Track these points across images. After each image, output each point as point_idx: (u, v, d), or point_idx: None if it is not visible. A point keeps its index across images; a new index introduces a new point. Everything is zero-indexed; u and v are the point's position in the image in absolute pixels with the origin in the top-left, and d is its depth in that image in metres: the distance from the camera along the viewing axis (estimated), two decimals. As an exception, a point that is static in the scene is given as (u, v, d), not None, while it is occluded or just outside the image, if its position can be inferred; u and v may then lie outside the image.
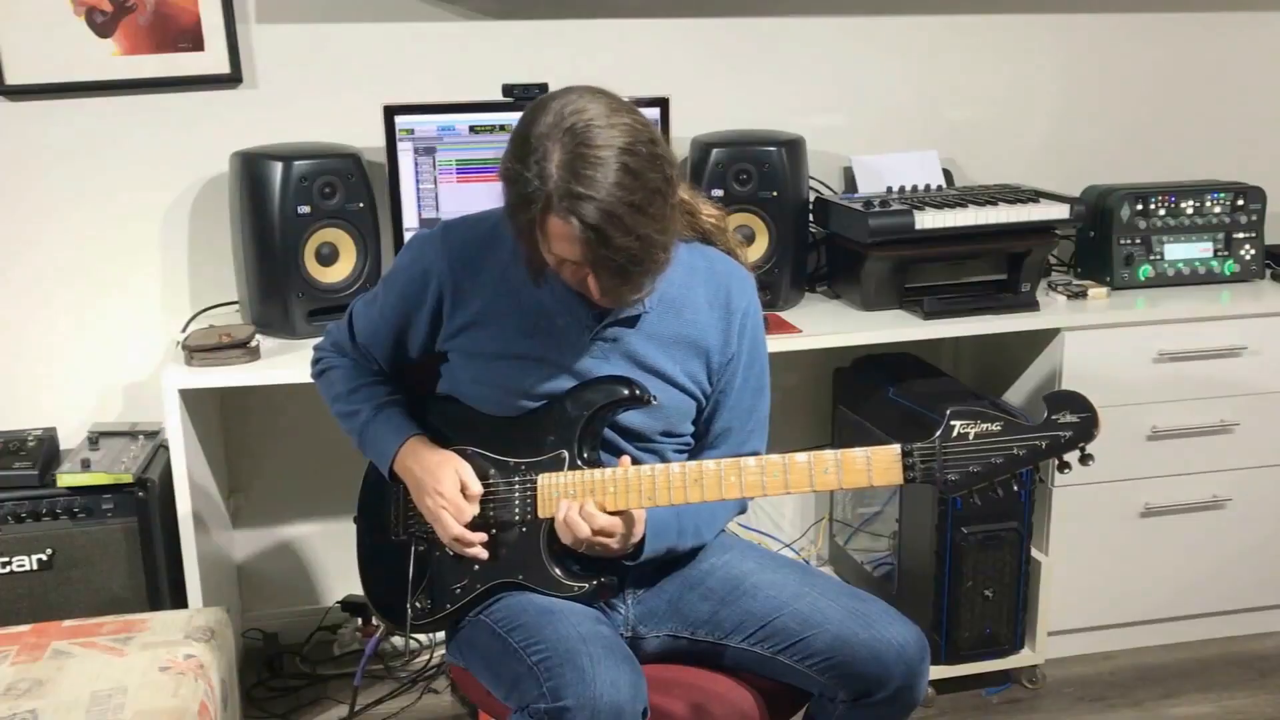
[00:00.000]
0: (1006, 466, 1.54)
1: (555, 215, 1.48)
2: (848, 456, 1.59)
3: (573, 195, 1.46)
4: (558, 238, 1.51)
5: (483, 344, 1.72)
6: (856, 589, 1.77)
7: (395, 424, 1.76)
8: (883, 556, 2.68)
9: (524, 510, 1.70)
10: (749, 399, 1.81)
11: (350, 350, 1.84)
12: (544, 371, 1.71)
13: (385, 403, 1.79)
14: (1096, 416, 1.54)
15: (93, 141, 2.53)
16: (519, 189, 1.51)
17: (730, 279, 1.78)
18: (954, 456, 1.55)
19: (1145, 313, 2.58)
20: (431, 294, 1.72)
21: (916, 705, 1.68)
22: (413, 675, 2.70)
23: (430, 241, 1.73)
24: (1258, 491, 2.70)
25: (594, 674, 1.49)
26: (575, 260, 1.53)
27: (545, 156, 1.48)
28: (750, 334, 1.79)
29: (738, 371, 1.79)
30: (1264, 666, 2.75)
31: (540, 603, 1.67)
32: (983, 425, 1.54)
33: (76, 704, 1.74)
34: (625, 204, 1.47)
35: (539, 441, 1.71)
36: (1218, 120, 3.06)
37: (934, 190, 2.68)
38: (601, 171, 1.47)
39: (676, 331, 1.74)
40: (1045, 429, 1.54)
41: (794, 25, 2.79)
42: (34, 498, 2.25)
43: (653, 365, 1.72)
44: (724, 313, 1.76)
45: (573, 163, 1.47)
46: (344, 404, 1.81)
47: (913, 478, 1.57)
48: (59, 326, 2.61)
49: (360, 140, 2.49)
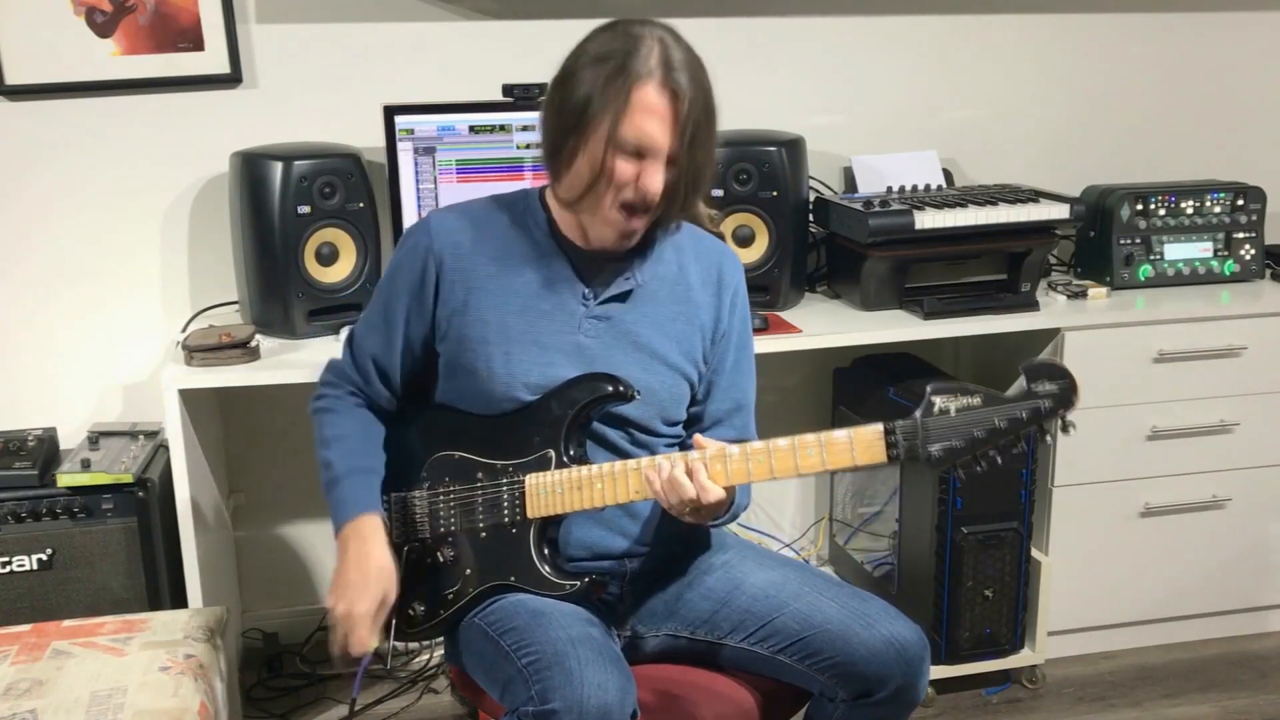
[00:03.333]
0: (989, 439, 1.53)
1: (656, 84, 1.56)
2: (830, 438, 1.60)
3: (677, 68, 1.57)
4: (648, 111, 1.56)
5: (475, 327, 1.71)
6: (856, 588, 1.77)
7: (358, 497, 1.72)
8: (883, 556, 2.68)
9: (513, 511, 1.70)
10: (744, 379, 1.84)
11: (352, 374, 1.81)
12: (537, 355, 1.70)
13: (358, 468, 1.75)
14: (1074, 382, 1.53)
15: (93, 141, 2.53)
16: (615, 62, 1.56)
17: (721, 257, 1.82)
18: (936, 432, 1.55)
19: (1145, 313, 2.58)
20: (429, 273, 1.72)
21: (917, 705, 1.68)
22: (413, 675, 2.70)
23: (420, 227, 1.76)
24: (1258, 491, 2.71)
25: (582, 676, 1.49)
26: (652, 145, 1.57)
27: (641, 41, 1.57)
28: (740, 312, 1.83)
29: (729, 350, 1.81)
30: (1264, 666, 2.75)
31: (533, 605, 1.66)
32: (963, 399, 1.54)
33: (76, 704, 1.74)
34: (708, 104, 1.60)
35: (525, 442, 1.70)
36: (1218, 120, 3.07)
37: (934, 190, 2.68)
38: (694, 69, 1.59)
39: (671, 309, 1.75)
40: (1025, 399, 1.53)
41: (794, 25, 2.79)
42: (34, 498, 2.24)
43: (646, 343, 1.73)
44: (715, 289, 1.79)
45: (670, 51, 1.58)
46: (324, 451, 1.78)
47: (896, 455, 1.57)
48: (59, 326, 2.61)
49: (360, 140, 2.49)
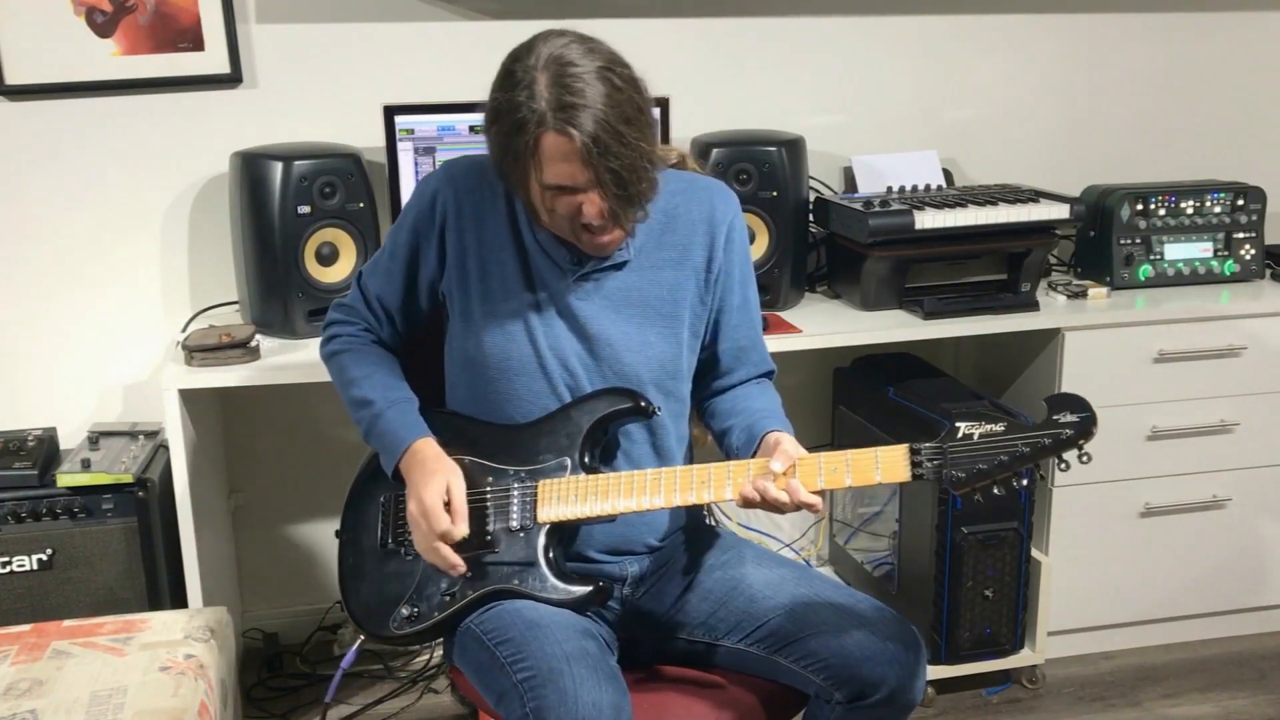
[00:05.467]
0: (1011, 464, 1.56)
1: (552, 132, 1.53)
2: (857, 456, 1.59)
3: (566, 108, 1.52)
4: (555, 158, 1.55)
5: (474, 277, 1.73)
6: (854, 590, 1.77)
7: (407, 421, 1.73)
8: (883, 556, 2.68)
9: (524, 516, 1.69)
10: (751, 315, 1.83)
11: (364, 311, 1.82)
12: (528, 312, 1.72)
13: (399, 399, 1.76)
14: (1095, 416, 1.57)
15: (93, 141, 2.53)
16: (510, 118, 1.55)
17: (712, 194, 1.80)
18: (960, 455, 1.56)
19: (1145, 313, 2.58)
20: (439, 216, 1.74)
21: (913, 707, 1.67)
22: (413, 675, 2.70)
23: (434, 174, 1.78)
24: (1258, 491, 2.70)
25: (576, 696, 1.48)
26: (573, 183, 1.56)
27: (533, 82, 1.54)
28: (739, 248, 1.81)
29: (732, 288, 1.80)
30: (1264, 666, 2.75)
31: (529, 615, 1.63)
32: (987, 426, 1.57)
33: (76, 704, 1.74)
34: (616, 113, 1.54)
35: (540, 451, 1.71)
36: (1218, 120, 3.06)
37: (934, 190, 2.68)
38: (590, 87, 1.53)
39: (660, 256, 1.75)
40: (1047, 428, 1.56)
41: (794, 25, 2.79)
42: (34, 498, 2.25)
43: (639, 298, 1.74)
44: (708, 226, 1.78)
45: (561, 80, 1.53)
46: (356, 390, 1.76)
47: (920, 475, 1.58)
48: (59, 326, 2.61)
49: (360, 140, 2.49)
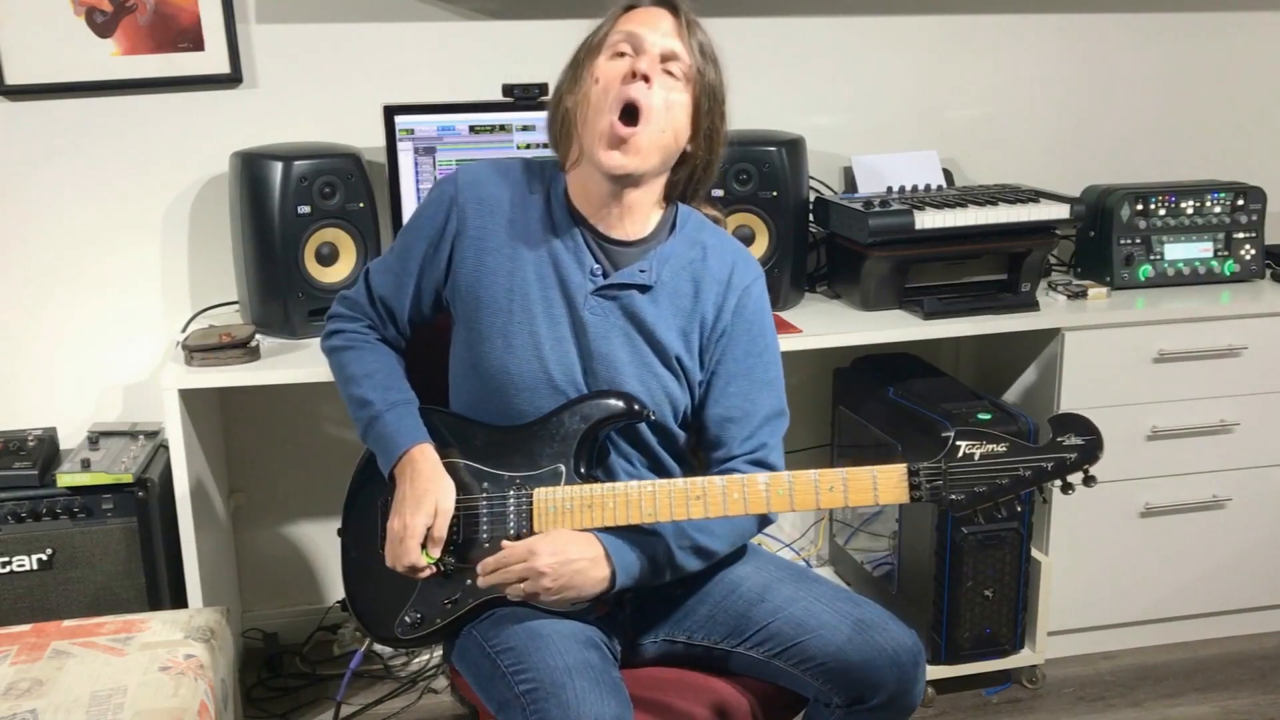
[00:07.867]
0: (1012, 487, 1.53)
1: (652, 5, 1.67)
2: (854, 475, 1.58)
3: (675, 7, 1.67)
4: (636, 19, 1.66)
5: (484, 287, 1.70)
6: (853, 593, 1.76)
7: (405, 425, 1.71)
8: (883, 556, 2.68)
9: (519, 525, 1.67)
10: (745, 387, 1.74)
11: (367, 307, 1.80)
12: (535, 324, 1.68)
13: (398, 401, 1.73)
14: (1101, 439, 1.53)
15: (93, 141, 2.53)
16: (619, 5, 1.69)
17: (736, 256, 1.77)
18: (960, 477, 1.54)
19: (1145, 313, 2.58)
20: (451, 220, 1.72)
21: (912, 710, 1.67)
22: (413, 675, 2.70)
23: (448, 178, 1.76)
24: (1258, 491, 2.70)
25: (579, 709, 1.48)
26: (654, 29, 1.65)
27: None
28: (750, 315, 1.75)
29: (735, 354, 1.74)
30: (1264, 666, 2.75)
31: (531, 624, 1.62)
32: (988, 446, 1.53)
33: (76, 704, 1.74)
34: (713, 54, 1.69)
35: (535, 455, 1.68)
36: (1218, 120, 3.06)
37: (934, 190, 2.68)
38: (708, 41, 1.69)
39: (678, 299, 1.72)
40: (1050, 450, 1.53)
41: (794, 25, 2.79)
42: (34, 498, 2.25)
43: (650, 329, 1.70)
44: (723, 286, 1.74)
45: None
46: (355, 389, 1.74)
47: (919, 497, 1.57)
48: (59, 326, 2.61)
49: (360, 140, 2.49)
